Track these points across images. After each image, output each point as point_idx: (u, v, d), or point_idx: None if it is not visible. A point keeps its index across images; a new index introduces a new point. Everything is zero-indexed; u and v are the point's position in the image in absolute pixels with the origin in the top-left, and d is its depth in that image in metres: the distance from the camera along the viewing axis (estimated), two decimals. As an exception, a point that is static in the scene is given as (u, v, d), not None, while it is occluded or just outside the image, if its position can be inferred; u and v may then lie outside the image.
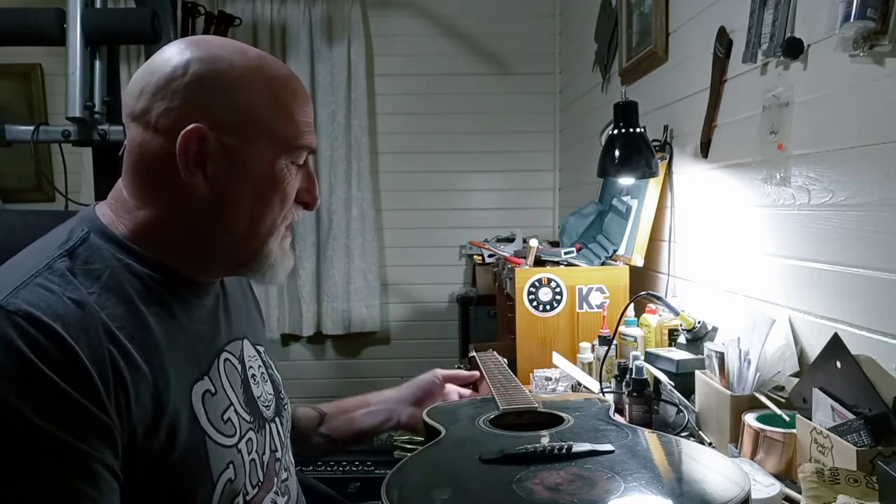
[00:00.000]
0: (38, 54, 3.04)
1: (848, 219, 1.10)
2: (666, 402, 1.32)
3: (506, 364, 1.39)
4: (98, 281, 0.70)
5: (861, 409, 0.86)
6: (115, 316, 0.68)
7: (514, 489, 0.71)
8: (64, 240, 0.73)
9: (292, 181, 0.79)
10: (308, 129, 0.79)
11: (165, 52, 0.75)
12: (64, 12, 1.81)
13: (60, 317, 0.64)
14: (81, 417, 0.62)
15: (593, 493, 0.70)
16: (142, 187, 0.76)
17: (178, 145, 0.71)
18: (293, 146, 0.78)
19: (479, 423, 0.97)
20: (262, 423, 0.84)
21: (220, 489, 0.73)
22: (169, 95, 0.72)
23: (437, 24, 3.35)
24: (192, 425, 0.72)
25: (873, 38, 0.98)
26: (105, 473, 0.63)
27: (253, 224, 0.77)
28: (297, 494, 0.93)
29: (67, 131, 1.90)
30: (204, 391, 0.75)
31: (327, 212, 3.27)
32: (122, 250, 0.74)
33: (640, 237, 1.79)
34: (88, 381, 0.63)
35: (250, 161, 0.75)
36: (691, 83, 1.68)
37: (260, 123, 0.75)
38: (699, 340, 1.42)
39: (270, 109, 0.75)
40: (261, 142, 0.75)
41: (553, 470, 0.76)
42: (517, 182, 3.43)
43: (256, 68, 0.76)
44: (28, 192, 3.16)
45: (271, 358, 0.96)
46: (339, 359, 3.45)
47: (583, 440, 0.85)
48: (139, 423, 0.67)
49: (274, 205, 0.78)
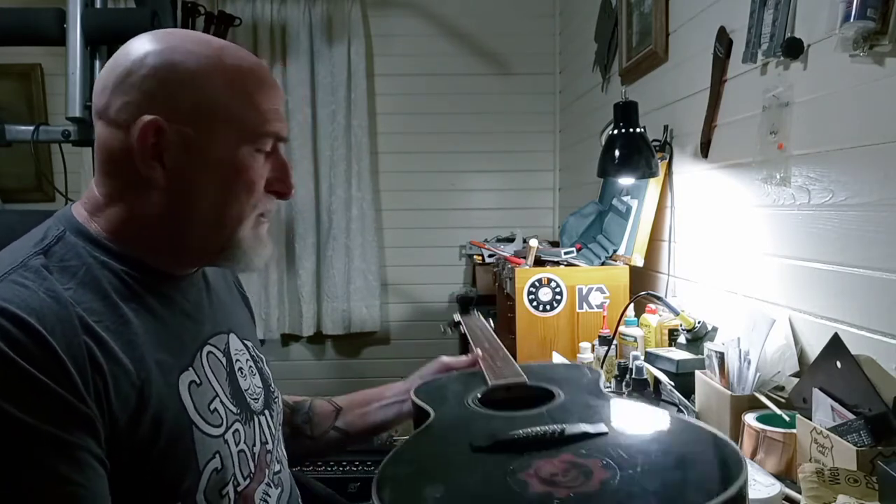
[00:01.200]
0: (38, 54, 3.04)
1: (848, 219, 1.10)
2: (666, 402, 1.32)
3: (491, 328, 1.36)
4: (74, 277, 0.70)
5: (861, 409, 0.86)
6: (92, 310, 0.69)
7: (508, 483, 0.70)
8: (39, 238, 0.74)
9: (258, 169, 0.78)
10: (274, 116, 0.78)
11: (127, 47, 0.75)
12: (64, 12, 1.81)
13: (35, 310, 0.64)
14: (61, 408, 0.63)
15: (589, 483, 0.69)
16: (109, 184, 0.76)
17: (135, 138, 0.72)
18: (256, 133, 0.77)
19: (469, 402, 0.95)
20: (249, 416, 0.84)
21: (206, 478, 0.73)
22: (127, 89, 0.73)
23: (437, 24, 3.35)
24: (178, 415, 0.72)
25: (873, 38, 0.98)
26: (90, 460, 0.64)
27: (219, 213, 0.77)
28: (291, 487, 0.93)
29: (67, 131, 1.90)
30: (190, 381, 0.76)
31: (327, 212, 3.27)
32: (97, 248, 0.74)
33: (640, 237, 1.79)
34: (65, 373, 0.63)
35: (210, 150, 0.75)
36: (691, 83, 1.68)
37: (219, 112, 0.74)
38: (699, 340, 1.43)
39: (230, 98, 0.75)
40: (220, 130, 0.75)
41: (547, 458, 0.75)
42: (517, 182, 3.43)
43: (215, 58, 0.75)
44: (28, 192, 3.16)
45: (261, 353, 0.96)
46: (339, 359, 3.45)
47: (575, 419, 0.84)
48: (121, 413, 0.67)
49: (238, 193, 0.77)
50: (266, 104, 0.78)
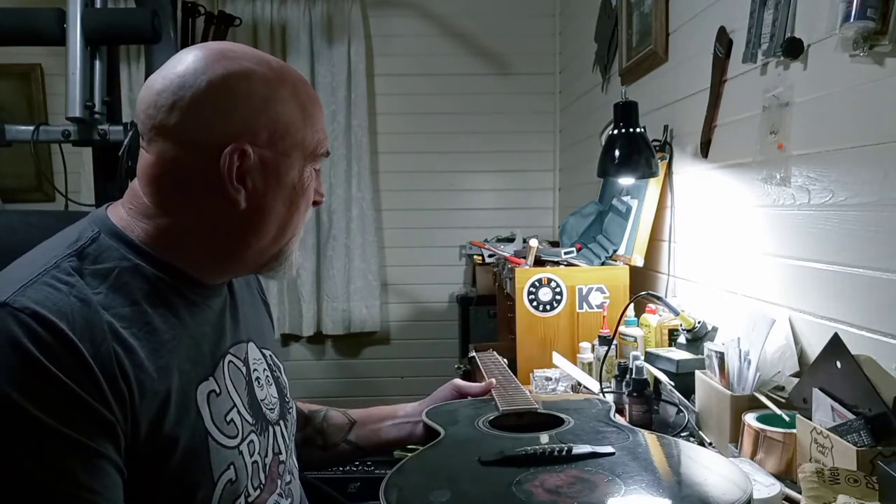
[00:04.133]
0: (38, 54, 3.04)
1: (848, 219, 1.10)
2: (666, 402, 1.32)
3: (506, 364, 1.39)
4: (105, 281, 0.71)
5: (861, 409, 0.86)
6: (121, 316, 0.69)
7: (513, 491, 0.71)
8: (74, 239, 0.74)
9: (314, 186, 0.84)
10: (325, 134, 0.83)
11: (194, 65, 0.74)
12: (64, 12, 1.81)
13: (65, 315, 0.65)
14: (85, 413, 0.63)
15: (593, 495, 0.70)
16: (168, 196, 0.76)
17: (222, 164, 0.73)
18: (318, 154, 0.82)
19: (479, 425, 0.97)
20: (264, 426, 0.84)
21: (220, 489, 0.73)
22: (206, 111, 0.73)
23: (438, 25, 3.35)
24: (195, 425, 0.72)
25: (873, 38, 0.98)
26: (109, 467, 0.64)
27: (282, 228, 0.81)
28: (301, 498, 0.93)
29: (67, 131, 1.90)
30: (209, 391, 0.76)
31: (327, 212, 3.27)
32: (133, 251, 0.74)
33: (640, 237, 1.79)
34: (91, 378, 0.64)
35: (284, 172, 0.78)
36: (691, 83, 1.68)
37: (293, 135, 0.78)
38: (699, 340, 1.42)
39: (300, 121, 0.78)
40: (294, 153, 0.79)
41: (553, 472, 0.76)
42: (517, 182, 3.43)
43: (282, 80, 0.78)
44: (28, 192, 3.16)
45: (280, 361, 0.97)
46: (339, 359, 3.45)
47: (583, 442, 0.85)
48: (143, 421, 0.67)
49: (301, 209, 0.82)
50: (320, 123, 0.82)
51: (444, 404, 1.13)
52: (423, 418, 1.04)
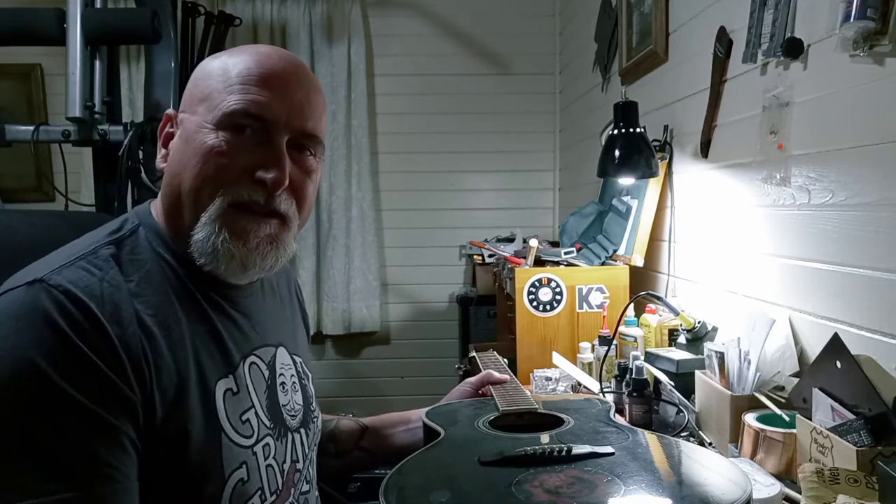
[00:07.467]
0: (38, 54, 3.04)
1: (848, 219, 1.10)
2: (666, 402, 1.32)
3: (506, 364, 1.39)
4: (139, 271, 0.74)
5: (861, 409, 0.86)
6: (149, 304, 0.72)
7: (512, 491, 0.71)
8: (115, 228, 0.78)
9: (223, 148, 0.74)
10: (255, 96, 0.74)
11: None
12: (64, 12, 1.81)
13: (96, 297, 0.67)
14: (108, 390, 0.65)
15: (593, 495, 0.70)
16: None
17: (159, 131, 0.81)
18: (222, 110, 0.74)
19: (479, 425, 0.97)
20: (283, 432, 0.84)
21: (230, 487, 0.74)
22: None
23: (438, 24, 3.35)
24: (209, 419, 0.73)
25: (873, 38, 0.98)
26: (127, 446, 0.66)
27: (188, 194, 0.75)
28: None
29: (67, 131, 1.90)
30: (226, 389, 0.76)
31: (327, 212, 3.27)
32: (164, 246, 0.77)
33: (640, 237, 1.79)
34: (116, 358, 0.66)
35: (187, 129, 0.78)
36: (691, 83, 1.68)
37: (204, 95, 0.77)
38: (699, 340, 1.42)
39: (218, 81, 0.77)
40: (199, 110, 0.77)
41: (552, 472, 0.76)
42: (517, 182, 3.43)
43: (239, 57, 0.78)
44: (28, 192, 3.16)
45: (309, 371, 0.97)
46: (339, 359, 3.45)
47: (583, 442, 0.85)
48: (159, 406, 0.68)
49: (198, 169, 0.74)
50: (256, 93, 0.75)
51: (445, 405, 1.13)
52: (423, 419, 1.04)
